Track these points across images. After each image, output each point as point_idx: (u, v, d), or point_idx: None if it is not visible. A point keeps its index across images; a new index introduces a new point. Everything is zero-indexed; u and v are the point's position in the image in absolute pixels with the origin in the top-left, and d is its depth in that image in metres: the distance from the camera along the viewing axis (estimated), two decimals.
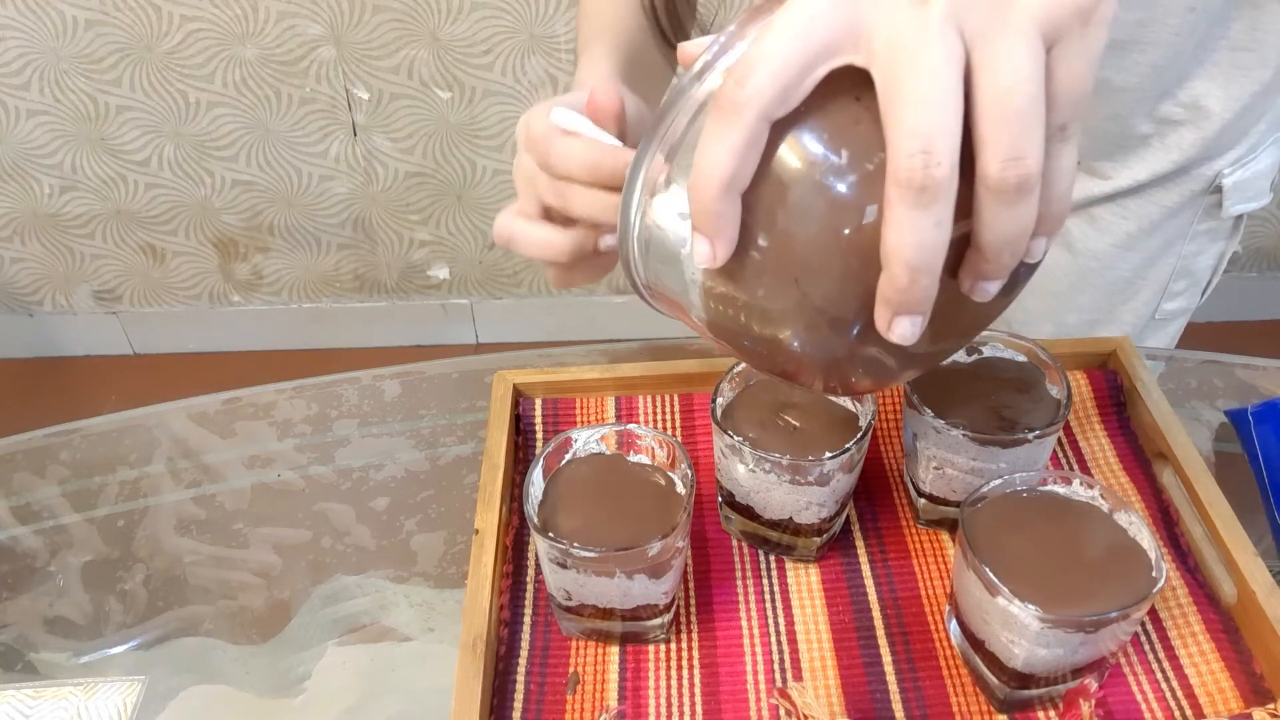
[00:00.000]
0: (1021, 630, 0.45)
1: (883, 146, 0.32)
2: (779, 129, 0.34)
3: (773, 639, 0.54)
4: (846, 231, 0.33)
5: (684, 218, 0.37)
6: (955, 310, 0.36)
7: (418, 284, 1.98)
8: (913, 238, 0.31)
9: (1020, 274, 0.36)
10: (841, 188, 0.33)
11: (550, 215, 0.51)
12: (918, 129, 0.30)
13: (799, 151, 0.34)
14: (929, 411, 0.53)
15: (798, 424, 0.53)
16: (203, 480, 0.72)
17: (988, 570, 0.45)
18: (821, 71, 0.33)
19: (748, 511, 0.56)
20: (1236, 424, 0.68)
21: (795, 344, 0.37)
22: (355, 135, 1.77)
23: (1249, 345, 1.03)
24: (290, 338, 2.05)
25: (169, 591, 0.65)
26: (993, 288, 0.35)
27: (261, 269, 1.96)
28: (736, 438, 0.52)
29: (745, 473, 0.53)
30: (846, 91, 0.33)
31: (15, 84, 1.69)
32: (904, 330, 0.33)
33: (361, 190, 1.84)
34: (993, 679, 0.49)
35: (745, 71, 0.33)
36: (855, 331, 0.36)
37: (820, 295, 0.35)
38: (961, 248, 0.34)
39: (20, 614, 0.64)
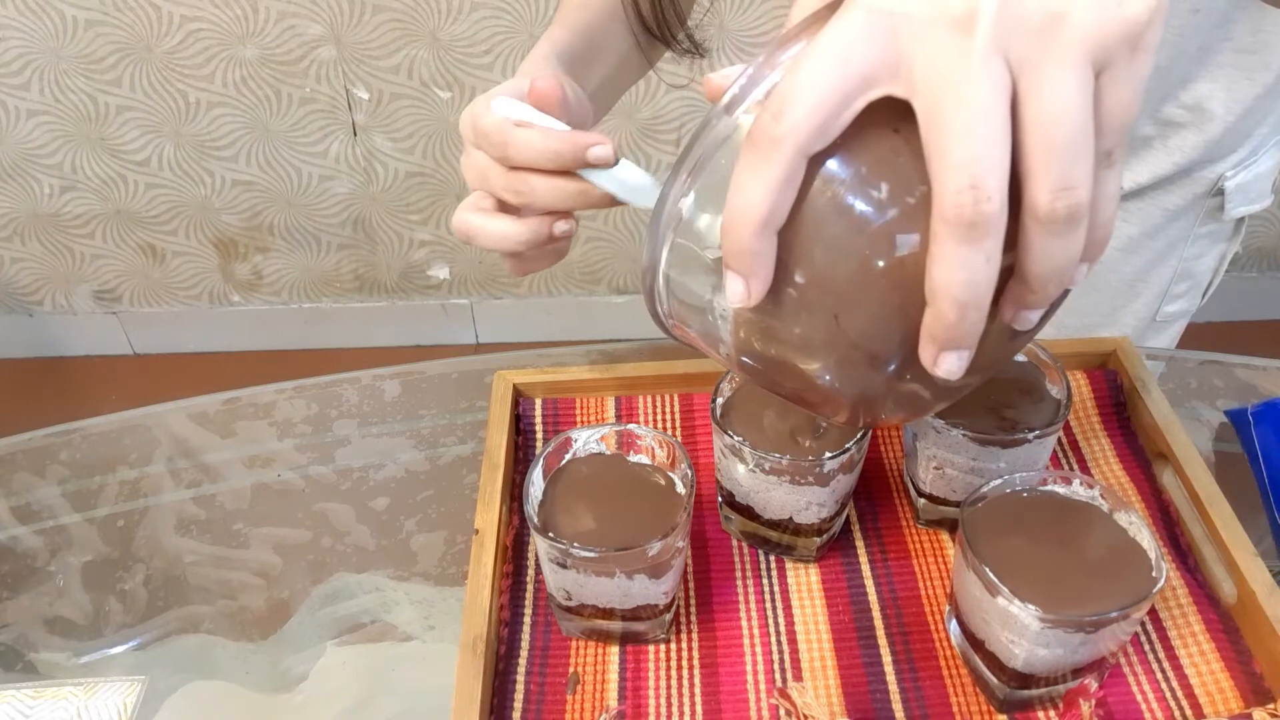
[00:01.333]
0: (1021, 630, 0.45)
1: (924, 179, 0.31)
2: (815, 163, 0.33)
3: (773, 639, 0.54)
4: (888, 267, 0.33)
5: (713, 253, 0.36)
6: (991, 339, 0.36)
7: (418, 284, 1.98)
8: (962, 275, 0.30)
9: (1057, 299, 0.36)
10: (883, 223, 0.33)
11: (504, 207, 0.51)
12: (965, 163, 0.30)
13: (838, 187, 0.33)
14: None
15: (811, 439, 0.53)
16: (203, 480, 0.72)
17: (988, 570, 0.45)
18: (860, 104, 0.32)
19: (748, 511, 0.56)
20: (1236, 424, 0.68)
21: (829, 379, 0.36)
22: (355, 135, 1.77)
23: (1249, 345, 1.02)
24: (290, 338, 2.05)
25: (169, 591, 0.65)
26: (1035, 316, 0.35)
27: (261, 269, 1.96)
28: (736, 438, 0.52)
29: (745, 473, 0.53)
30: (884, 123, 0.33)
31: (15, 84, 1.69)
32: (951, 365, 0.33)
33: (361, 190, 1.84)
34: (993, 679, 0.49)
35: (781, 105, 0.32)
36: (893, 367, 0.35)
37: (860, 331, 0.34)
38: (1004, 276, 0.33)
39: (20, 614, 0.64)
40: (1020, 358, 0.57)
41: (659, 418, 0.66)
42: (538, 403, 0.65)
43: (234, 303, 2.01)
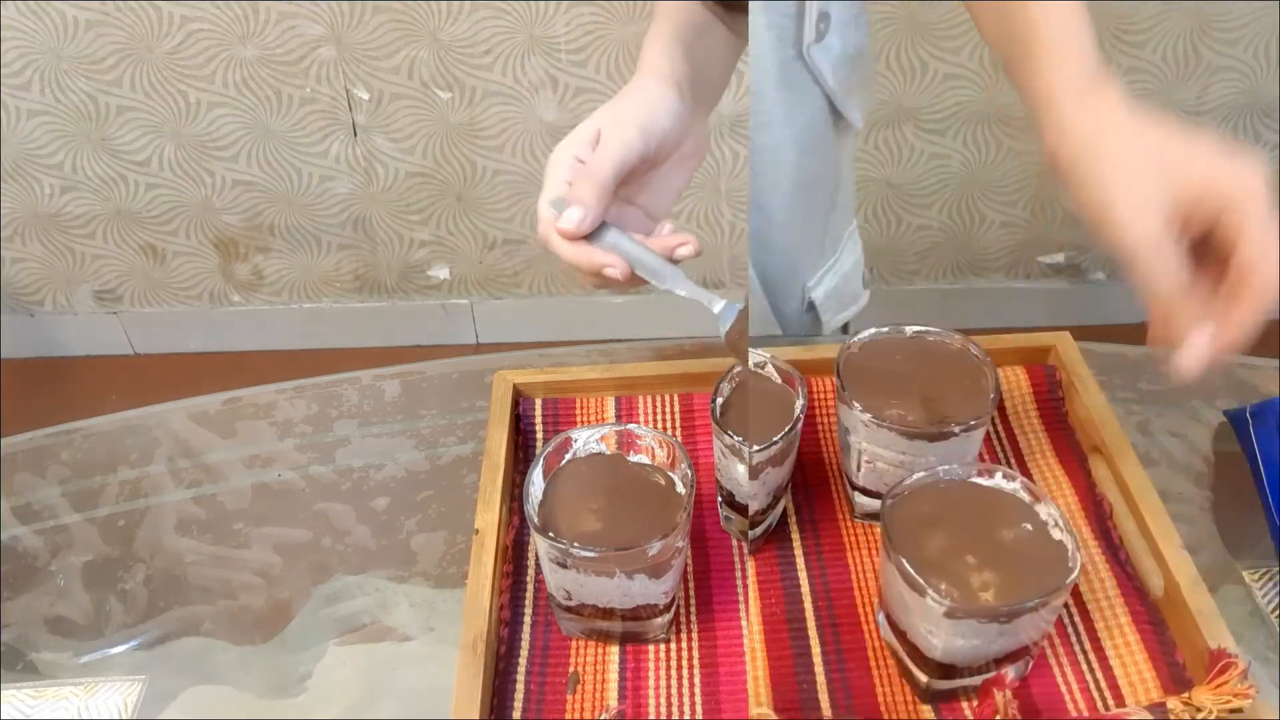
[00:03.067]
0: (936, 621, 0.45)
1: None
2: None
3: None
4: None
5: None
6: None
7: (418, 284, 1.98)
8: None
9: None
10: None
11: None
12: None
13: None
14: (857, 405, 0.54)
15: None
16: (203, 480, 0.72)
17: (904, 561, 0.46)
18: None
19: (747, 511, 0.56)
20: (1235, 424, 0.68)
21: None
22: (355, 135, 1.77)
23: (1248, 345, 1.02)
24: (290, 338, 2.05)
25: (169, 591, 0.65)
26: None
27: (262, 269, 1.96)
28: (736, 438, 0.52)
29: (745, 472, 0.54)
30: None
31: (16, 84, 1.69)
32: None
33: (362, 190, 1.84)
34: (916, 670, 0.49)
35: None
36: None
37: None
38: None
39: (21, 614, 0.64)
40: (953, 350, 0.58)
41: (659, 418, 0.66)
42: (538, 403, 0.66)
43: (234, 303, 2.01)
